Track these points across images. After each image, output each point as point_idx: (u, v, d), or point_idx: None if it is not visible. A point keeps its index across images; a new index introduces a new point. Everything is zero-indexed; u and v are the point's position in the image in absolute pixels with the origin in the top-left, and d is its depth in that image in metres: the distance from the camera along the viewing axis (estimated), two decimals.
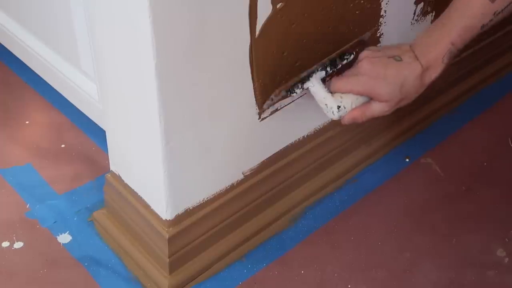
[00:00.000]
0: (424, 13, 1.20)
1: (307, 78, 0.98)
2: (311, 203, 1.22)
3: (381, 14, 1.10)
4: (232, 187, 1.07)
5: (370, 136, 1.30)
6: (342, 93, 0.96)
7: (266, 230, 1.16)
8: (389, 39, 1.16)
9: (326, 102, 0.96)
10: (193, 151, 0.96)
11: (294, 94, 0.99)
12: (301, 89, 0.98)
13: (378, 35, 1.13)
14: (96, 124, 1.30)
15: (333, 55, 1.00)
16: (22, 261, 1.11)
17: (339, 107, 0.95)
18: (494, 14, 0.89)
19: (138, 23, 0.80)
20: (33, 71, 1.46)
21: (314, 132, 1.16)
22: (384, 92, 0.92)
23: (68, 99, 1.37)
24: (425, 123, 1.40)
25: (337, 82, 0.96)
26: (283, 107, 1.04)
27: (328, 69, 0.99)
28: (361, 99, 0.96)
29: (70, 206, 1.22)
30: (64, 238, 1.15)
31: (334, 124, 1.19)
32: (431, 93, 1.39)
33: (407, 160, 1.33)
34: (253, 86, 0.97)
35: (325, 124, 1.17)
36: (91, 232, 1.16)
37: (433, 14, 1.23)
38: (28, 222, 1.18)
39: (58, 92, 1.40)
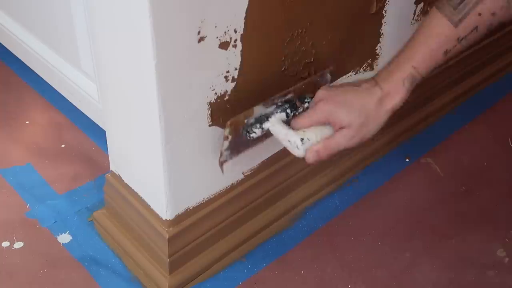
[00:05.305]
0: (424, 13, 1.20)
1: (265, 119, 0.94)
2: (311, 203, 1.22)
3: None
4: (232, 187, 1.07)
5: None
6: (304, 129, 0.91)
7: (266, 230, 1.16)
8: (389, 39, 1.16)
9: (289, 138, 0.90)
10: (193, 151, 0.96)
11: (253, 134, 0.93)
12: (261, 129, 0.93)
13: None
14: (96, 124, 1.30)
15: (292, 96, 0.96)
16: (22, 261, 1.11)
17: (302, 139, 0.89)
18: (458, 39, 0.86)
19: (138, 23, 0.80)
20: (33, 71, 1.46)
21: None
22: (343, 115, 0.88)
23: (68, 99, 1.37)
24: (425, 123, 1.40)
25: (297, 119, 0.92)
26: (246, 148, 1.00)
27: (289, 111, 0.95)
28: (325, 131, 0.90)
29: (70, 206, 1.22)
30: (64, 238, 1.15)
31: None
32: (431, 93, 1.39)
33: (407, 160, 1.33)
34: None
35: None
36: (91, 232, 1.16)
37: None
38: (28, 222, 1.18)
39: (58, 92, 1.40)
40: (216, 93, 0.92)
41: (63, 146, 1.37)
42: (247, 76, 0.95)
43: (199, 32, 0.84)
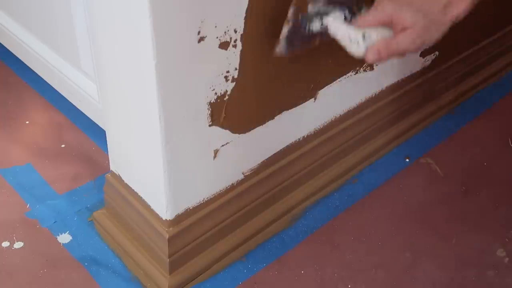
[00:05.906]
0: None
1: (325, 14, 0.92)
2: (311, 203, 1.22)
3: None
4: (232, 187, 1.07)
5: (370, 136, 1.30)
6: (365, 28, 0.90)
7: (266, 230, 1.16)
8: None
9: (350, 34, 0.89)
10: (193, 151, 0.96)
11: (313, 25, 0.92)
12: (321, 22, 0.92)
13: None
14: (96, 124, 1.30)
15: (350, 1, 0.95)
16: (22, 261, 1.11)
17: (364, 36, 0.89)
18: None
19: (138, 23, 0.80)
20: (33, 71, 1.46)
21: (314, 132, 1.16)
22: (408, 15, 0.85)
23: (68, 99, 1.37)
24: (425, 123, 1.40)
25: (359, 18, 0.91)
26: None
27: (347, 13, 0.93)
28: (385, 32, 0.89)
29: (70, 206, 1.22)
30: (64, 238, 1.15)
31: (334, 124, 1.19)
32: (431, 93, 1.39)
33: (407, 160, 1.33)
34: None
35: (325, 124, 1.17)
36: (91, 232, 1.16)
37: None
38: (28, 222, 1.18)
39: (58, 92, 1.40)
40: (216, 93, 0.92)
41: (63, 146, 1.37)
42: (247, 76, 0.95)
43: (199, 32, 0.84)
